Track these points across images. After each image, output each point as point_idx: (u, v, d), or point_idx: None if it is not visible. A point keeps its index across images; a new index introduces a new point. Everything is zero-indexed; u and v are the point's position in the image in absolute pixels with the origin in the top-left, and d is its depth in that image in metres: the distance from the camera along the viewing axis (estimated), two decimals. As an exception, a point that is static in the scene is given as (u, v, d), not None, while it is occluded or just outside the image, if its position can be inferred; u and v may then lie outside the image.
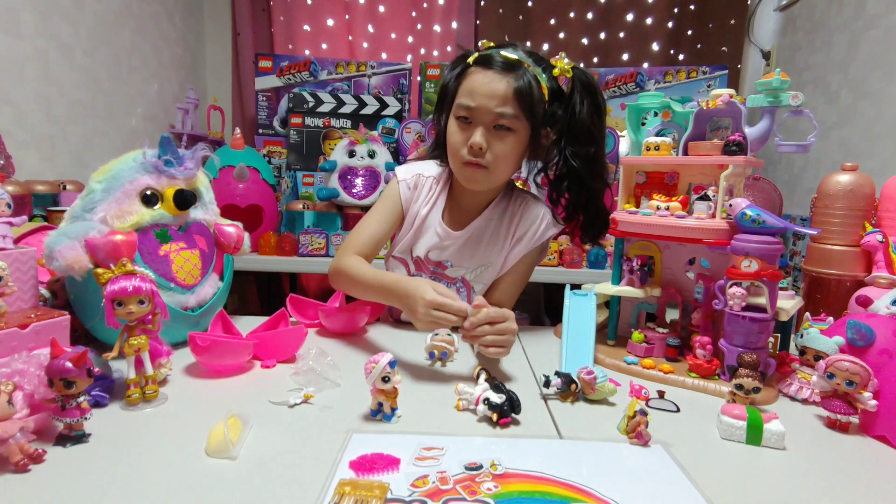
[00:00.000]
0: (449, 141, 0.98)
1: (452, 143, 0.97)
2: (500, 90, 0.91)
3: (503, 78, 0.91)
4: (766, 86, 0.83)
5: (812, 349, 0.78)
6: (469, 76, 0.94)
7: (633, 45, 2.67)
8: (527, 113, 0.92)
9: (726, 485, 0.55)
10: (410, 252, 1.08)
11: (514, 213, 1.07)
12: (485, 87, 0.91)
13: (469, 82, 0.93)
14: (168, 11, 2.28)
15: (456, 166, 0.99)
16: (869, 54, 1.69)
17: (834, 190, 1.04)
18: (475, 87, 0.92)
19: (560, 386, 0.74)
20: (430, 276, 1.08)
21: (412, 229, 1.07)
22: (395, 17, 2.67)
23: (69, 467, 0.54)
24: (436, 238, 1.05)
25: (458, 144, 0.95)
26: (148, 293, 0.67)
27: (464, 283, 1.09)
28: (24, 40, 1.48)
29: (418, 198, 1.07)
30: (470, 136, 0.93)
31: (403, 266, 1.10)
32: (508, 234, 1.07)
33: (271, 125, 2.39)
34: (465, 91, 0.94)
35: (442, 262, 1.07)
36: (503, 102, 0.91)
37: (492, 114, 0.92)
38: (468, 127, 0.94)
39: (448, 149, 0.99)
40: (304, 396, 0.72)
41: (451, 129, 0.97)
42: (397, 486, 0.51)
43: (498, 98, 0.91)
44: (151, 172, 0.86)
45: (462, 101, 0.94)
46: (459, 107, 0.94)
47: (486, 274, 1.08)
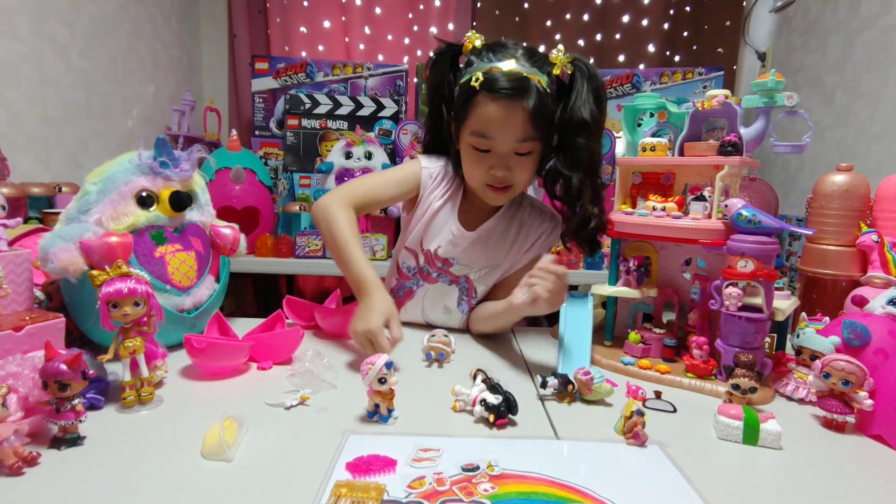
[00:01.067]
0: (467, 167, 0.98)
1: (472, 172, 0.98)
2: (518, 122, 0.89)
3: (517, 105, 0.88)
4: (761, 86, 0.83)
5: (808, 349, 0.79)
6: (480, 105, 0.90)
7: (629, 47, 2.68)
8: (542, 132, 0.92)
9: (723, 485, 0.56)
10: (421, 244, 1.08)
11: (523, 220, 1.07)
12: (502, 122, 0.90)
13: (483, 112, 0.90)
14: (164, 13, 2.28)
15: (478, 188, 0.99)
16: (864, 55, 1.70)
17: (829, 190, 1.05)
18: (491, 119, 0.90)
19: (557, 387, 0.74)
20: (436, 271, 1.08)
21: (422, 220, 1.06)
22: (391, 18, 2.67)
23: (64, 470, 0.54)
24: (449, 235, 1.05)
25: (480, 174, 0.96)
26: (143, 295, 0.67)
27: (467, 281, 1.09)
28: (19, 41, 1.48)
29: (435, 190, 1.06)
30: (490, 164, 0.94)
31: (413, 258, 1.09)
32: (517, 240, 1.07)
33: (268, 127, 2.39)
34: (481, 121, 0.91)
35: (449, 259, 1.07)
36: (522, 133, 0.91)
37: (512, 146, 0.92)
38: (486, 156, 0.94)
39: (466, 171, 0.99)
40: (300, 398, 0.71)
41: (469, 158, 0.97)
42: (394, 488, 0.51)
43: (517, 131, 0.90)
44: (147, 174, 0.86)
45: (478, 130, 0.92)
46: (475, 136, 0.93)
47: (491, 276, 1.08)
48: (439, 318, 1.11)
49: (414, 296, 1.11)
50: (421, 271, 1.09)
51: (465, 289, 1.09)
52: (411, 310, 1.13)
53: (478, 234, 1.05)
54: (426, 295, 1.10)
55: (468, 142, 0.95)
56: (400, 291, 1.12)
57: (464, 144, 0.97)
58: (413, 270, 1.10)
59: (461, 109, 0.94)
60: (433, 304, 1.11)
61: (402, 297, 1.12)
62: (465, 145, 0.96)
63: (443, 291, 1.09)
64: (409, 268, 1.11)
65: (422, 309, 1.12)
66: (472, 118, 0.92)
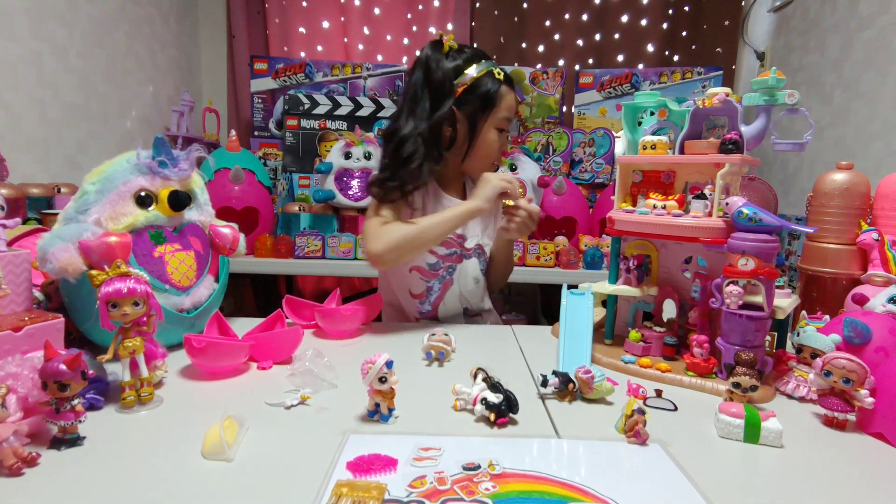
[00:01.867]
0: (491, 147, 1.14)
1: (492, 149, 1.15)
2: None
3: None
4: (762, 84, 0.83)
5: (809, 347, 0.78)
6: (506, 95, 1.11)
7: (628, 47, 2.68)
8: None
9: (724, 483, 0.55)
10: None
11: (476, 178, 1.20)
12: (515, 105, 1.14)
13: (509, 100, 1.12)
14: (163, 13, 2.28)
15: (486, 165, 1.16)
16: (862, 55, 1.70)
17: (829, 188, 1.05)
18: (512, 105, 1.13)
19: (558, 385, 0.74)
20: (459, 249, 1.18)
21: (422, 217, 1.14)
22: (390, 18, 2.67)
23: (63, 471, 0.54)
24: None
25: (497, 150, 1.16)
26: (142, 295, 0.67)
27: (480, 248, 1.21)
28: (17, 42, 1.48)
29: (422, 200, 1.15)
30: (502, 140, 1.16)
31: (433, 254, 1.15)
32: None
33: (267, 127, 2.39)
34: (509, 108, 1.13)
35: (462, 234, 1.18)
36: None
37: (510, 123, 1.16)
38: (503, 134, 1.15)
39: (487, 152, 1.15)
40: (300, 398, 0.71)
41: (491, 139, 1.13)
42: (395, 487, 0.51)
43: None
44: (145, 173, 0.86)
45: (507, 115, 1.13)
46: (504, 120, 1.13)
47: (488, 233, 1.24)
48: (472, 290, 1.21)
49: (452, 283, 1.19)
50: (448, 258, 1.17)
51: (480, 255, 1.22)
52: (450, 300, 1.19)
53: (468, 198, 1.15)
54: (459, 276, 1.19)
55: (495, 125, 1.13)
56: (433, 291, 1.18)
57: (489, 130, 1.13)
58: (438, 264, 1.16)
59: (489, 101, 1.10)
60: (465, 280, 1.19)
61: (440, 292, 1.18)
62: (489, 129, 1.13)
63: (468, 266, 1.19)
64: (431, 265, 1.16)
65: (458, 292, 1.20)
66: (502, 106, 1.11)
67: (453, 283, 1.18)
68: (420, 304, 1.18)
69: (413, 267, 1.15)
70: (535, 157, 2.24)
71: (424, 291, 1.17)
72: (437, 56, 1.08)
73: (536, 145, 2.26)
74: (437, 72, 1.07)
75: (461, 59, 1.09)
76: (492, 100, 1.10)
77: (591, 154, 2.24)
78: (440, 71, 1.07)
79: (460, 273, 1.18)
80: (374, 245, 1.02)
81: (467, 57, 1.09)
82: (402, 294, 1.19)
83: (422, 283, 1.17)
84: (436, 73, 1.07)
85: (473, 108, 1.09)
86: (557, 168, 2.26)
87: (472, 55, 1.10)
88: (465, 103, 1.09)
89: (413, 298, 1.18)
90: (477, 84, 1.08)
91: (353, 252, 1.81)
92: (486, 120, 1.11)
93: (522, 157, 1.92)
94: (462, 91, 1.08)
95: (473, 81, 1.08)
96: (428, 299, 1.18)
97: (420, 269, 1.16)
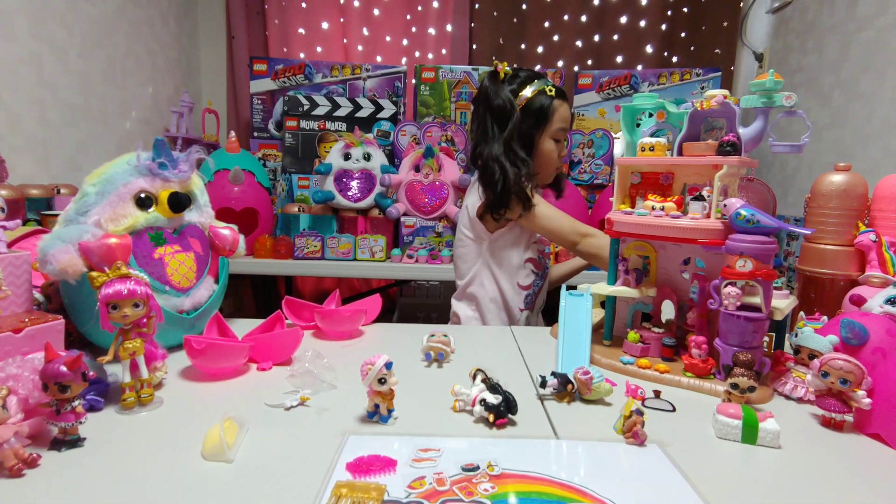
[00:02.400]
0: (546, 158, 1.26)
1: (552, 160, 1.27)
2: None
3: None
4: (759, 86, 0.84)
5: (806, 348, 0.79)
6: (559, 109, 1.23)
7: (627, 48, 2.68)
8: None
9: (722, 484, 0.56)
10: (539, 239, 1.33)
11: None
12: (568, 116, 1.26)
13: (562, 113, 1.24)
14: (162, 14, 2.28)
15: (549, 172, 1.30)
16: (860, 56, 1.71)
17: (827, 190, 1.05)
18: (566, 117, 1.25)
19: (556, 386, 0.74)
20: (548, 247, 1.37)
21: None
22: (389, 19, 2.67)
23: (64, 472, 0.54)
24: None
25: (556, 160, 1.28)
26: (143, 296, 0.67)
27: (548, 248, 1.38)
28: (17, 44, 1.48)
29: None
30: (560, 151, 1.28)
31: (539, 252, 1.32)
32: None
33: (266, 128, 2.39)
34: (564, 119, 1.25)
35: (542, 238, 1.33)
36: None
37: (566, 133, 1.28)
38: (560, 145, 1.27)
39: (547, 161, 1.27)
40: (300, 399, 0.71)
41: (550, 150, 1.25)
42: (394, 488, 0.51)
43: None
44: (145, 175, 0.86)
45: (562, 126, 1.25)
46: (561, 131, 1.25)
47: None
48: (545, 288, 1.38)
49: (546, 278, 1.37)
50: (547, 255, 1.36)
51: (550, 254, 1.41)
52: (543, 294, 1.37)
53: None
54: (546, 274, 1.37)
55: (553, 137, 1.25)
56: (539, 283, 1.33)
57: (545, 141, 1.25)
58: (543, 259, 1.34)
59: (543, 116, 1.22)
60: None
61: (541, 285, 1.35)
62: (547, 141, 1.25)
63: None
64: (538, 261, 1.32)
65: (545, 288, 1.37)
66: (556, 119, 1.23)
67: (546, 278, 1.37)
68: (528, 296, 1.30)
69: (529, 259, 1.29)
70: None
71: (532, 283, 1.30)
72: (493, 86, 1.23)
73: (535, 146, 2.25)
74: (495, 98, 1.22)
75: (516, 82, 1.23)
76: (545, 114, 1.22)
77: (590, 155, 2.24)
78: (499, 98, 1.22)
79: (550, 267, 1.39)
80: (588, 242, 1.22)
81: (521, 80, 1.23)
82: (509, 287, 1.29)
83: (532, 275, 1.30)
84: (495, 99, 1.22)
85: (529, 125, 1.22)
86: (556, 169, 2.25)
87: (524, 77, 1.24)
88: (525, 120, 1.22)
89: (522, 290, 1.30)
90: (531, 102, 1.21)
91: (353, 253, 1.81)
92: (542, 133, 1.23)
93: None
94: (519, 110, 1.22)
95: (528, 101, 1.21)
96: (533, 293, 1.32)
97: (534, 262, 1.30)
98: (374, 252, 1.82)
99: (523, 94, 1.21)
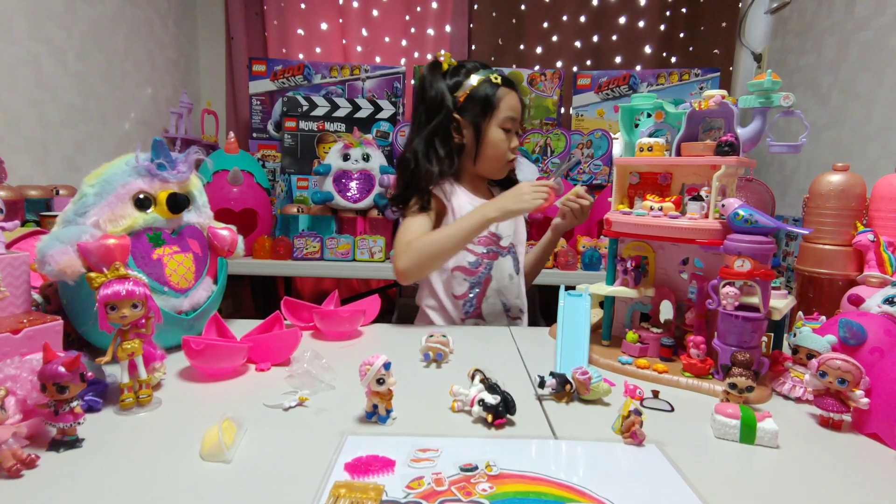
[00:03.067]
0: (499, 147, 1.21)
1: (500, 150, 1.21)
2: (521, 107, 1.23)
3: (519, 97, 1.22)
4: (757, 87, 0.84)
5: (805, 348, 0.79)
6: (507, 97, 1.19)
7: (626, 48, 2.68)
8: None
9: (720, 484, 0.56)
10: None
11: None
12: (518, 105, 1.21)
13: (510, 101, 1.19)
14: (161, 15, 2.28)
15: (500, 165, 1.24)
16: (859, 56, 1.71)
17: (826, 190, 1.05)
18: (515, 105, 1.20)
19: (555, 386, 0.74)
20: (495, 247, 1.24)
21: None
22: (388, 20, 2.67)
23: (62, 473, 0.54)
24: None
25: (506, 150, 1.21)
26: (141, 297, 0.67)
27: (513, 247, 1.28)
28: (16, 44, 1.48)
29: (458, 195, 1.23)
30: (511, 141, 1.21)
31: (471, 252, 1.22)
32: None
33: (265, 129, 2.39)
34: (512, 108, 1.19)
35: (496, 233, 1.24)
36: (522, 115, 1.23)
37: (519, 124, 1.23)
38: (510, 135, 1.21)
39: (494, 153, 1.21)
40: (298, 399, 0.71)
41: (498, 140, 1.20)
42: (392, 488, 0.51)
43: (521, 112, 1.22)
44: (144, 176, 0.86)
45: (510, 115, 1.19)
46: (509, 120, 1.19)
47: (521, 231, 1.32)
48: (508, 286, 1.27)
49: (491, 279, 1.25)
50: (486, 255, 1.23)
51: (515, 252, 1.29)
52: (491, 297, 1.25)
53: None
54: (496, 272, 1.25)
55: (500, 126, 1.19)
56: (476, 287, 1.24)
57: (493, 130, 1.20)
58: (478, 262, 1.23)
59: (488, 104, 1.18)
60: (501, 276, 1.25)
61: (482, 289, 1.24)
62: (495, 130, 1.19)
63: (504, 263, 1.26)
64: (472, 262, 1.23)
65: (497, 288, 1.25)
66: (503, 107, 1.18)
67: (492, 279, 1.25)
68: (464, 305, 1.23)
69: (455, 267, 1.22)
70: (533, 158, 2.24)
71: (467, 291, 1.23)
72: (430, 77, 1.20)
73: (534, 147, 2.26)
74: (430, 90, 1.19)
75: (461, 73, 1.20)
76: (491, 102, 1.18)
77: (589, 155, 2.25)
78: (433, 89, 1.19)
79: (497, 269, 1.24)
80: (399, 263, 1.11)
81: (466, 70, 1.20)
82: (446, 297, 1.24)
83: (464, 282, 1.23)
84: (429, 91, 1.19)
85: (475, 114, 1.18)
86: (555, 170, 2.26)
87: (470, 67, 1.20)
88: (468, 110, 1.19)
89: (457, 300, 1.23)
90: (476, 91, 1.18)
91: (352, 253, 1.81)
92: (489, 122, 1.19)
93: (520, 158, 1.93)
94: (463, 100, 1.18)
95: (472, 90, 1.18)
96: (471, 300, 1.23)
97: (462, 269, 1.22)
98: (373, 253, 1.82)
99: (467, 84, 1.18)
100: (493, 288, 1.25)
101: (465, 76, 1.19)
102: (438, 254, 1.11)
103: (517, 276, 1.29)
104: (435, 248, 1.10)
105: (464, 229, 1.10)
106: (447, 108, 1.18)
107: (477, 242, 1.21)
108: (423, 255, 1.10)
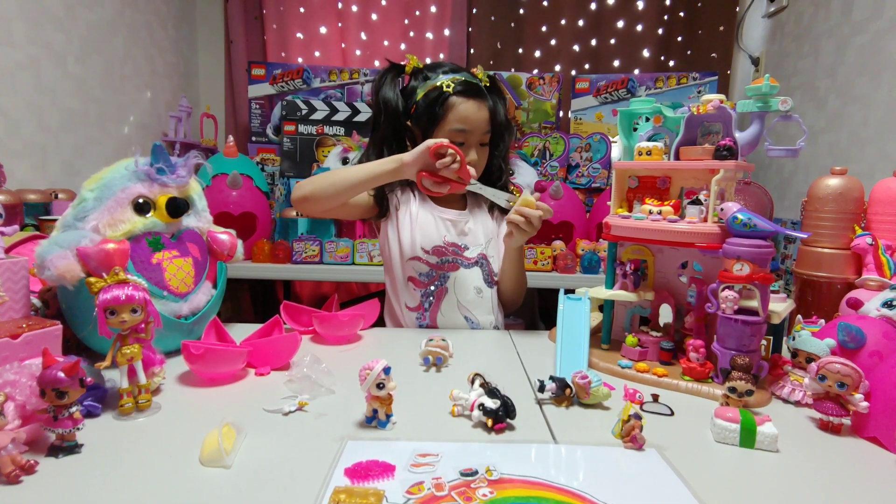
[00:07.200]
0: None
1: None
2: (485, 117, 1.12)
3: (483, 104, 1.11)
4: (755, 91, 0.84)
5: (804, 351, 0.79)
6: (457, 105, 1.09)
7: (624, 52, 2.69)
8: (494, 127, 1.14)
9: (720, 488, 0.56)
10: (421, 248, 1.15)
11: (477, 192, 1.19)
12: (475, 116, 1.10)
13: (461, 110, 1.09)
14: (161, 19, 2.28)
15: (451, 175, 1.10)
16: (856, 60, 1.72)
17: (824, 193, 1.06)
18: (468, 115, 1.10)
19: (554, 390, 0.74)
20: (453, 257, 1.16)
21: (408, 229, 1.15)
22: (387, 24, 2.68)
23: (61, 478, 0.54)
24: (446, 224, 1.17)
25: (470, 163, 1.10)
26: (140, 302, 0.67)
27: (484, 258, 1.19)
28: (15, 49, 1.48)
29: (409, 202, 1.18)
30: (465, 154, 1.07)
31: (423, 263, 1.15)
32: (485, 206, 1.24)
33: (264, 133, 2.40)
34: (460, 118, 1.09)
35: (459, 244, 1.17)
36: (486, 126, 1.12)
37: (480, 136, 1.12)
38: (461, 147, 1.07)
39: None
40: (298, 404, 0.71)
41: None
42: (393, 493, 0.51)
43: (484, 124, 1.12)
44: (143, 180, 0.86)
45: (458, 126, 1.09)
46: (455, 132, 1.10)
47: (495, 244, 1.22)
48: (474, 300, 1.18)
49: (447, 291, 1.16)
50: (440, 266, 1.16)
51: (484, 265, 1.19)
52: (447, 310, 1.17)
53: (470, 209, 1.21)
54: (456, 283, 1.16)
55: (447, 137, 1.08)
56: (429, 298, 1.16)
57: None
58: (430, 273, 1.16)
59: (434, 113, 1.10)
60: (464, 290, 1.17)
61: (435, 301, 1.16)
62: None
63: (468, 275, 1.17)
64: (423, 274, 1.16)
65: (456, 302, 1.17)
66: (451, 117, 1.09)
67: (448, 291, 1.16)
68: (418, 318, 1.18)
69: (408, 277, 1.17)
70: (532, 161, 2.25)
71: (420, 303, 1.17)
72: (380, 82, 1.15)
73: (533, 150, 2.27)
74: (380, 92, 1.14)
75: (420, 76, 1.14)
76: (436, 112, 1.10)
77: (588, 159, 2.25)
78: (379, 95, 1.14)
79: (456, 281, 1.16)
80: (296, 189, 1.09)
81: (424, 75, 1.14)
82: (400, 309, 1.19)
83: (416, 293, 1.17)
84: (379, 93, 1.14)
85: (423, 123, 1.12)
86: (554, 173, 2.27)
87: (427, 73, 1.14)
88: (418, 118, 1.14)
89: (411, 312, 1.18)
90: (425, 97, 1.11)
91: (351, 257, 1.81)
92: (436, 133, 1.11)
93: (519, 161, 1.93)
94: (415, 108, 1.13)
95: (422, 97, 1.12)
96: (425, 312, 1.17)
97: (413, 280, 1.17)
98: (372, 256, 1.82)
99: (418, 91, 1.12)
100: (451, 301, 1.16)
101: (421, 81, 1.13)
102: (337, 182, 1.06)
103: (488, 289, 1.19)
104: (335, 177, 1.07)
105: (367, 166, 1.06)
106: (395, 116, 1.13)
107: (430, 253, 1.14)
108: (321, 178, 1.07)
